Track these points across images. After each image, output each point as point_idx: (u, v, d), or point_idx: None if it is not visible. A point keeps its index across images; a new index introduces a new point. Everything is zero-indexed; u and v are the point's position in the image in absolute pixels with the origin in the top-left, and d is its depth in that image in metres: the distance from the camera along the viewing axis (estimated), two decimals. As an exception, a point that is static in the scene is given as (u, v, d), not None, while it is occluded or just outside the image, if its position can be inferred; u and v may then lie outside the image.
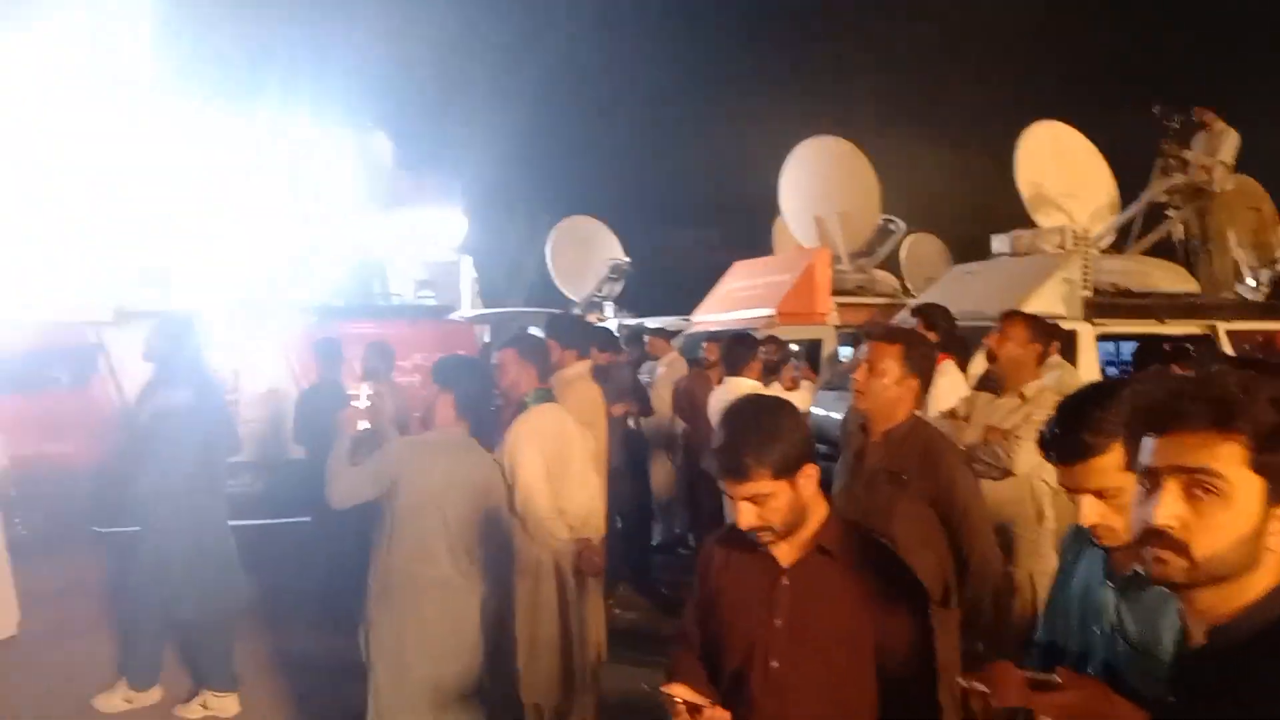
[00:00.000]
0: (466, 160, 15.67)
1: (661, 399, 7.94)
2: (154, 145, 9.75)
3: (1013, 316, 4.45)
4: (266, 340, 8.72)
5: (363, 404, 4.07)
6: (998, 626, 4.21)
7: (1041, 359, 4.38)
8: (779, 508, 2.12)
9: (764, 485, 2.09)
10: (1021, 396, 4.27)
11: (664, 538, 8.40)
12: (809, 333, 9.52)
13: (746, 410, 2.18)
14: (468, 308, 12.33)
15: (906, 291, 12.10)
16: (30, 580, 6.09)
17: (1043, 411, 4.04)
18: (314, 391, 6.83)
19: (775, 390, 5.79)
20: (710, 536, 2.44)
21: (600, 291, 14.45)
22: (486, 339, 11.27)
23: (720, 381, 6.33)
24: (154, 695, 5.23)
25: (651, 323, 12.44)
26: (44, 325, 8.02)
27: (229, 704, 5.18)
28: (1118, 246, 9.42)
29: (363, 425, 4.02)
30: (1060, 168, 9.80)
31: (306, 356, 7.85)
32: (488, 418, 4.16)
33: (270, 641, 6.15)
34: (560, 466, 4.25)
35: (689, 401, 7.46)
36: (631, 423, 7.29)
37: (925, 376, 3.52)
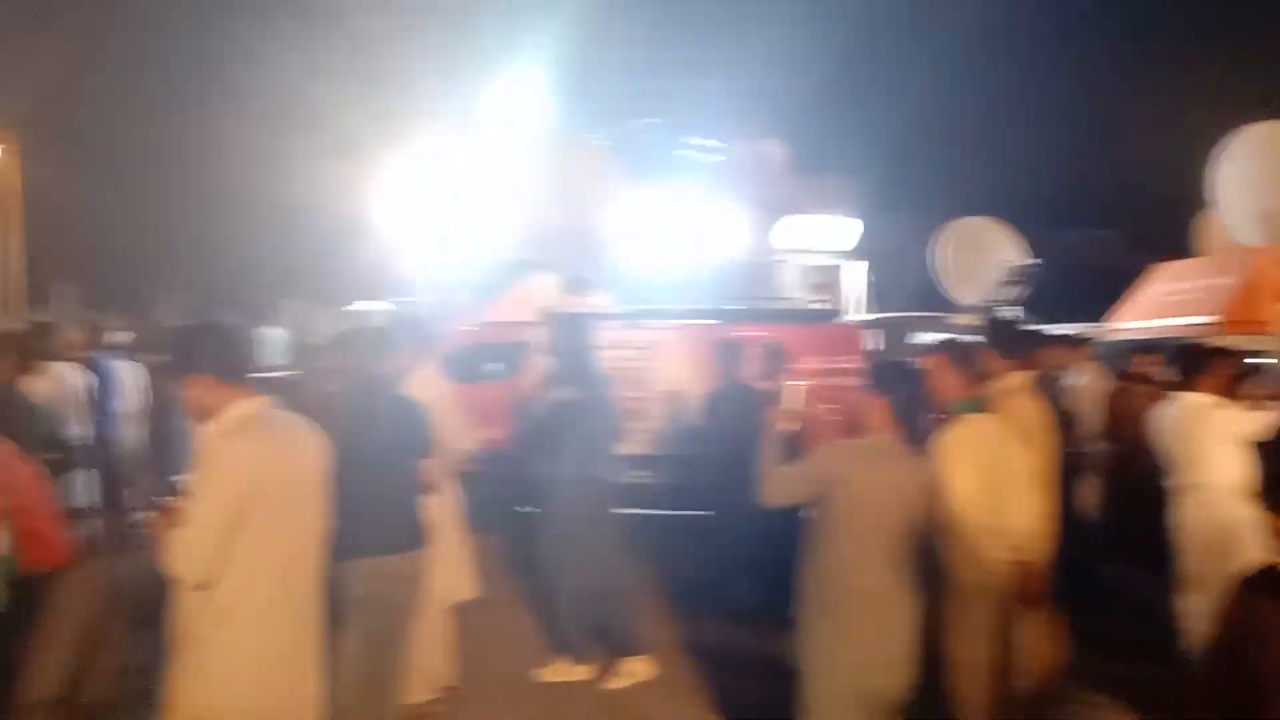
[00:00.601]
0: (857, 163, 15.46)
1: (1082, 414, 7.26)
2: (574, 163, 10.57)
3: None
4: (670, 342, 9.11)
5: (791, 405, 4.07)
6: None
7: None
8: None
9: None
10: None
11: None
12: (1260, 343, 8.29)
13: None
14: (858, 311, 12.15)
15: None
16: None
17: None
18: (719, 392, 6.99)
19: (1242, 410, 5.05)
20: (1240, 575, 2.10)
21: (999, 295, 13.57)
22: (876, 344, 11.01)
23: (1161, 396, 5.66)
24: (585, 670, 5.62)
25: (1055, 330, 11.49)
26: (490, 326, 9.08)
27: (646, 666, 5.57)
28: None
29: (790, 426, 4.02)
30: None
31: (707, 358, 8.09)
32: (921, 426, 4.00)
33: (676, 629, 6.38)
34: (995, 483, 3.97)
35: (1118, 417, 6.76)
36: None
37: None
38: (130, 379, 7.85)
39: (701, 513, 7.19)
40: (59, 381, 6.86)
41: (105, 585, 2.96)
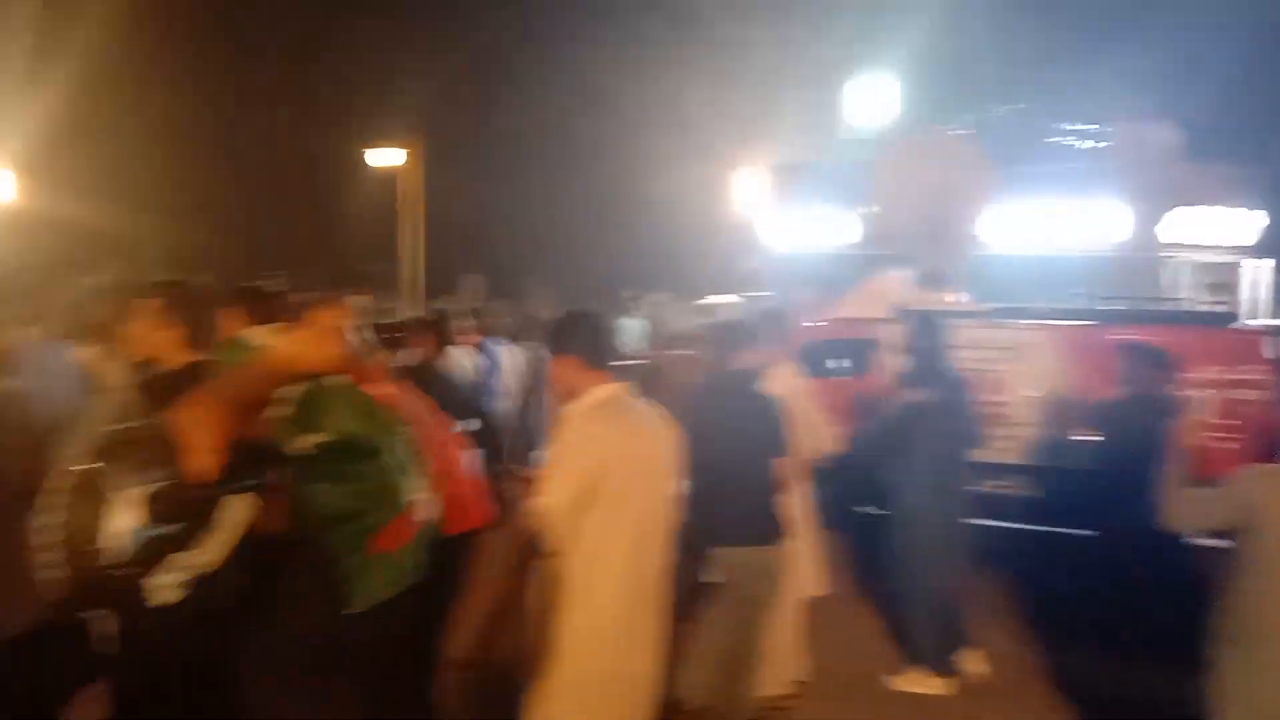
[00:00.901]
0: (1265, 146, 13.57)
1: None
2: (933, 153, 10.17)
3: None
4: (1038, 343, 8.49)
5: (1200, 419, 3.65)
6: None
7: None
8: None
9: None
10: None
11: None
12: None
13: None
14: (1261, 315, 10.67)
15: None
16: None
17: None
18: (1117, 401, 6.36)
19: None
20: None
21: None
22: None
23: None
24: (941, 684, 5.40)
25: None
26: (841, 322, 9.00)
27: (980, 657, 5.56)
28: None
29: (1195, 442, 3.59)
30: None
31: (1090, 362, 7.55)
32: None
33: (1048, 656, 5.94)
34: None
35: None
36: None
37: None
38: (510, 362, 8.60)
39: (1080, 531, 6.60)
40: (458, 362, 7.67)
41: (516, 548, 3.23)
